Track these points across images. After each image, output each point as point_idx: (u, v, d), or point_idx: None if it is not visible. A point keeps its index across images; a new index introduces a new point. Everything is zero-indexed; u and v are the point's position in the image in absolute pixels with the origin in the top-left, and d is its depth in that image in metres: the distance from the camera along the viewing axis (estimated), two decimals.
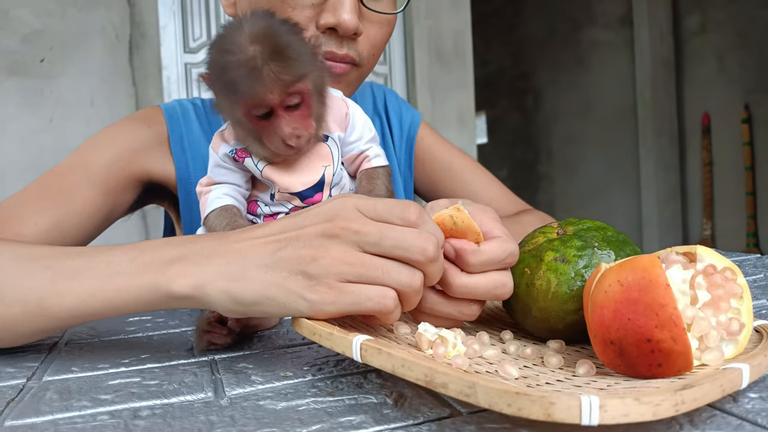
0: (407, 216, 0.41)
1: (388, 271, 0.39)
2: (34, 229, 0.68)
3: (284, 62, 0.50)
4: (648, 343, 0.33)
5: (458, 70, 3.25)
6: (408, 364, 0.32)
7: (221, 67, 0.51)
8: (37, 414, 0.38)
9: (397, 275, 0.39)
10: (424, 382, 0.31)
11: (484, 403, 0.28)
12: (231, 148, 0.57)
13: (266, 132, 0.53)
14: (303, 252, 0.40)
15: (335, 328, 0.38)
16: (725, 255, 0.79)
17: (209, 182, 0.59)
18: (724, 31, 3.91)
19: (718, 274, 0.37)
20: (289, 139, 0.52)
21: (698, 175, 4.14)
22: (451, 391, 0.29)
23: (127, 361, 0.50)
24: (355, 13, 0.66)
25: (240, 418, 0.36)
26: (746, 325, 0.37)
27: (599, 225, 0.47)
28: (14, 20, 2.48)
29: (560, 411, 0.26)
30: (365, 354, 0.35)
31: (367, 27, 0.70)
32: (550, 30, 5.10)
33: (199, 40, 2.86)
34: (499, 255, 0.43)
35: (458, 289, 0.43)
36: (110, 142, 0.76)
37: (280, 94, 0.51)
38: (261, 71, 0.49)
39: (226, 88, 0.52)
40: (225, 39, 0.51)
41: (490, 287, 0.44)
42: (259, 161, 0.56)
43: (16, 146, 2.48)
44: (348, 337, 0.36)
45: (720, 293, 0.37)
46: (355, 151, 0.60)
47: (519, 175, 5.57)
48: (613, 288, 0.35)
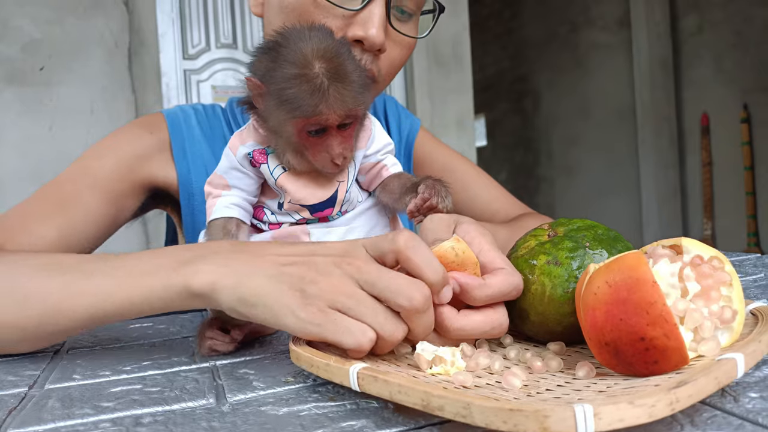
0: (395, 241, 0.41)
1: (377, 313, 0.40)
2: (41, 240, 0.68)
3: (348, 85, 0.51)
4: (642, 342, 0.33)
5: (457, 74, 3.26)
6: (404, 390, 0.32)
7: (282, 78, 0.51)
8: (39, 422, 0.38)
9: (383, 320, 0.40)
10: (422, 407, 0.31)
11: (481, 422, 0.28)
12: (249, 150, 0.57)
13: (315, 149, 0.54)
14: (307, 273, 0.42)
15: (332, 358, 0.39)
16: (726, 255, 0.79)
17: (221, 183, 0.59)
18: (722, 31, 3.91)
19: (705, 264, 0.37)
20: (337, 159, 0.54)
21: (698, 175, 4.14)
22: (448, 413, 0.30)
23: (128, 368, 0.50)
24: (383, 30, 0.68)
25: (242, 424, 0.36)
26: (739, 311, 0.37)
27: (589, 224, 0.47)
28: (13, 29, 2.48)
29: (555, 423, 0.26)
30: (362, 383, 0.35)
31: (389, 46, 0.72)
32: (548, 32, 5.11)
33: (197, 46, 2.87)
34: (505, 289, 0.44)
35: (454, 333, 0.43)
36: (113, 150, 0.77)
37: (341, 116, 0.52)
38: (327, 91, 0.50)
39: (284, 102, 0.52)
40: (287, 49, 0.52)
41: (486, 329, 0.44)
42: (275, 168, 0.57)
43: (16, 155, 2.49)
44: (344, 366, 0.37)
45: (709, 283, 0.37)
46: (372, 160, 0.61)
47: (519, 177, 5.57)
48: (602, 290, 0.35)
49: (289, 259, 0.44)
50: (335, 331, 0.40)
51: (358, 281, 0.41)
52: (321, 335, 0.40)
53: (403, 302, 0.39)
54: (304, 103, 0.50)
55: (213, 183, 0.59)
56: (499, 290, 0.43)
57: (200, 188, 0.78)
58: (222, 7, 2.92)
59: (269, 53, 0.53)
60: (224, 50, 2.91)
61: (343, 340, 0.39)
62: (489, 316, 0.44)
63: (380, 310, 0.40)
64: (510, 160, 5.71)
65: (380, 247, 0.42)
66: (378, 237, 0.43)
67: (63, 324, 0.50)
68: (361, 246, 0.43)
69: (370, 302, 0.40)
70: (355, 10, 0.68)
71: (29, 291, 0.50)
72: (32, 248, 0.67)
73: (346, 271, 0.41)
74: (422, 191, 0.55)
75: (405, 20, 0.73)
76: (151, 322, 0.69)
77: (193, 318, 0.71)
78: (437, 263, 0.41)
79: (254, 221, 0.60)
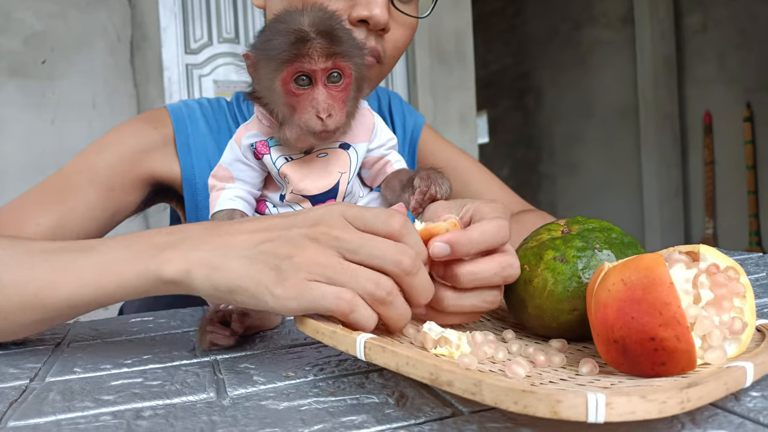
0: (391, 224, 0.41)
1: (355, 276, 0.40)
2: (36, 229, 0.69)
3: (334, 39, 0.53)
4: (651, 342, 0.33)
5: (459, 71, 3.25)
6: (413, 362, 0.32)
7: (271, 33, 0.53)
8: (40, 415, 0.38)
9: (364, 282, 0.39)
10: (429, 380, 0.30)
11: (490, 400, 0.28)
12: (252, 141, 0.58)
13: (301, 104, 0.54)
14: (282, 249, 0.41)
15: (338, 327, 0.39)
16: (727, 253, 0.79)
17: (225, 175, 0.59)
18: (725, 29, 3.90)
19: (721, 273, 0.37)
20: (322, 112, 0.53)
21: (700, 173, 4.14)
22: (457, 389, 0.29)
23: (129, 362, 0.50)
24: (386, 9, 0.70)
25: (242, 418, 0.36)
26: (749, 324, 0.37)
27: (605, 226, 0.47)
28: (16, 22, 2.48)
29: (567, 408, 0.26)
30: (369, 352, 0.35)
31: (392, 27, 0.73)
32: (551, 30, 5.09)
33: (200, 41, 2.86)
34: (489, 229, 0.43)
35: (466, 277, 0.43)
36: (116, 144, 0.77)
37: (324, 63, 0.52)
38: (310, 41, 0.52)
39: (272, 52, 0.53)
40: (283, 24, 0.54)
41: (497, 269, 0.44)
42: (278, 158, 0.57)
43: (18, 148, 2.49)
44: (351, 335, 0.36)
45: (723, 292, 0.37)
46: (376, 155, 0.61)
47: (521, 174, 5.56)
48: (617, 287, 0.35)
49: (264, 235, 0.43)
50: (311, 299, 0.39)
51: (337, 249, 0.40)
52: (302, 308, 0.40)
53: (393, 268, 0.39)
54: (287, 47, 0.52)
55: (218, 175, 0.60)
56: (483, 232, 0.43)
57: (204, 183, 0.78)
58: (224, 1, 2.91)
59: (266, 31, 0.55)
60: (226, 45, 2.91)
61: (322, 305, 0.39)
62: (496, 258, 0.44)
63: (359, 273, 0.40)
64: (512, 156, 5.70)
65: (368, 222, 0.42)
66: (364, 210, 0.42)
67: (41, 313, 0.49)
68: (337, 214, 0.42)
69: (347, 267, 0.40)
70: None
71: (9, 278, 0.50)
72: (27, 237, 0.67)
73: (323, 241, 0.41)
74: (418, 185, 0.55)
75: (407, 1, 0.75)
76: (152, 316, 0.69)
77: (194, 312, 0.71)
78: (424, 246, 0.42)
79: (257, 215, 0.60)
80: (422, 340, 0.40)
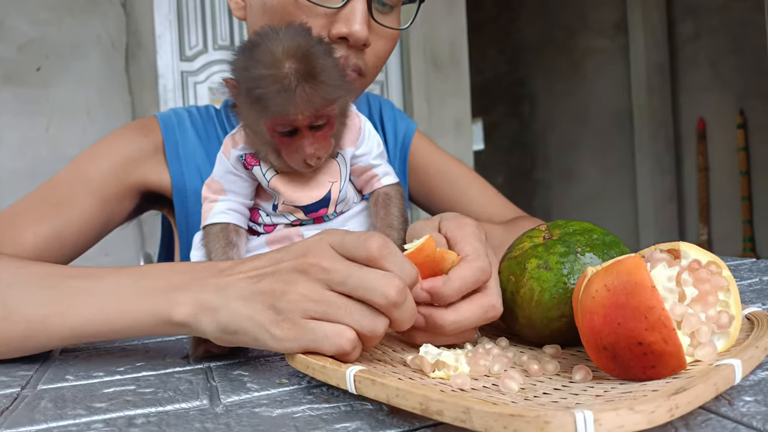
0: (368, 247, 0.40)
1: (351, 312, 0.39)
2: (33, 238, 0.68)
3: (317, 85, 0.50)
4: (640, 346, 0.33)
5: (454, 78, 3.26)
6: (402, 394, 0.32)
7: (253, 78, 0.51)
8: (32, 423, 0.38)
9: (359, 317, 0.39)
10: (420, 411, 0.31)
11: (480, 427, 0.28)
12: (242, 153, 0.57)
13: (288, 149, 0.53)
14: (276, 286, 0.41)
15: (328, 361, 0.38)
16: (722, 259, 0.79)
17: (218, 188, 0.59)
18: (719, 37, 3.93)
19: (703, 268, 0.37)
20: (310, 159, 0.53)
21: (694, 179, 4.15)
22: (447, 418, 0.29)
23: (122, 369, 0.50)
24: (366, 25, 0.68)
25: (235, 425, 0.35)
26: (736, 317, 0.37)
27: (586, 227, 0.47)
28: (10, 29, 2.48)
29: (556, 429, 0.26)
30: (359, 385, 0.35)
31: (373, 40, 0.72)
32: (546, 37, 5.12)
33: (195, 48, 2.87)
34: (470, 275, 0.43)
35: (450, 327, 0.43)
36: (107, 153, 0.77)
37: (309, 117, 0.51)
38: (294, 92, 0.49)
39: (255, 102, 0.51)
40: (259, 49, 0.51)
41: (480, 313, 0.44)
42: (267, 171, 0.57)
43: (13, 155, 2.48)
44: (341, 369, 0.36)
45: (707, 288, 0.37)
46: (363, 164, 0.61)
47: (516, 181, 5.57)
48: (601, 293, 0.35)
49: (258, 272, 0.43)
50: (313, 340, 0.39)
51: (325, 282, 0.40)
52: (302, 348, 0.40)
53: (379, 300, 0.39)
54: (272, 103, 0.50)
55: (211, 188, 0.60)
56: (464, 280, 0.43)
57: (194, 190, 0.78)
58: (219, 8, 2.91)
59: (245, 53, 0.53)
60: (221, 52, 2.91)
61: (323, 347, 0.39)
62: (477, 301, 0.44)
63: (354, 308, 0.39)
64: (507, 163, 5.71)
65: (349, 249, 0.41)
66: (347, 236, 0.42)
67: (45, 341, 0.50)
68: (325, 244, 0.42)
69: (341, 302, 0.40)
70: (336, 8, 0.68)
71: (14, 306, 0.50)
72: (23, 248, 0.67)
73: (312, 274, 0.40)
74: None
75: (387, 12, 0.74)
76: None
77: None
78: (410, 266, 0.41)
79: (250, 223, 0.60)
80: (419, 364, 0.40)
